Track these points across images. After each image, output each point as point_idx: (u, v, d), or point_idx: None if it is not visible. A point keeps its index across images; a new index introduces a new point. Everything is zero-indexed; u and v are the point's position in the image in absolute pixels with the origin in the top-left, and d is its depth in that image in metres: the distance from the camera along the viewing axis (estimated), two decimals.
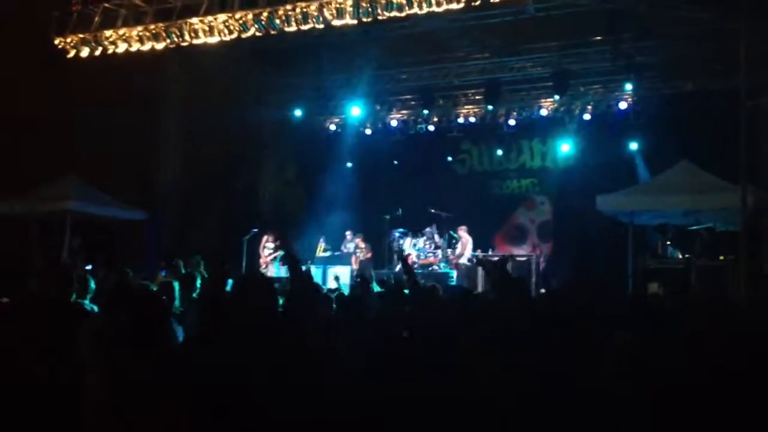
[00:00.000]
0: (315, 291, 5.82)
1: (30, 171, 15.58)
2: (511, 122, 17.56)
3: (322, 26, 12.34)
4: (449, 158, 18.95)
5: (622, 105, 16.16)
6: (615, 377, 4.21)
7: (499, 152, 18.56)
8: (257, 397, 3.41)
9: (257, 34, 12.77)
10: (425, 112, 17.64)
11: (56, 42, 13.80)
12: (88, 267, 13.78)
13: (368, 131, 18.87)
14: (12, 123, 14.81)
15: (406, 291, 5.90)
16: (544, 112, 17.14)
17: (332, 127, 19.20)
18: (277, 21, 12.47)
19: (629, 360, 4.62)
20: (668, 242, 13.50)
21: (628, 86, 15.71)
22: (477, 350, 4.00)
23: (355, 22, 12.15)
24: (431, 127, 18.34)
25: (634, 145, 16.09)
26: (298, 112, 18.56)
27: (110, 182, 16.20)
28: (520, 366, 3.82)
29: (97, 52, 13.73)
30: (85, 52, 13.75)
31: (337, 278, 13.72)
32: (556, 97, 16.40)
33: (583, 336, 4.78)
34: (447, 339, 4.15)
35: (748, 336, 4.46)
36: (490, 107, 17.13)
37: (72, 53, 13.79)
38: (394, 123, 18.55)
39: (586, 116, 16.78)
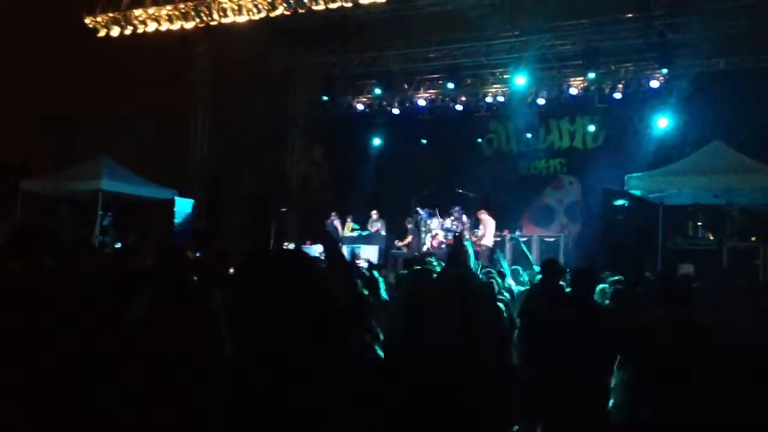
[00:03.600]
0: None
1: (62, 150, 15.78)
2: (540, 101, 17.39)
3: (350, 4, 12.32)
4: (479, 140, 18.83)
5: (654, 83, 15.93)
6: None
7: (528, 135, 18.39)
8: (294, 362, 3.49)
9: (285, 12, 12.79)
10: (449, 86, 17.44)
11: (86, 21, 13.91)
12: (117, 245, 13.96)
13: (396, 110, 18.80)
14: (43, 102, 14.98)
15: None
16: (573, 91, 16.92)
17: (360, 107, 19.15)
18: None
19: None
20: (699, 223, 13.36)
21: (664, 70, 15.40)
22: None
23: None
24: (459, 107, 18.25)
25: (664, 123, 15.90)
26: (325, 91, 18.50)
27: (141, 161, 16.35)
28: None
29: (127, 32, 13.83)
30: (115, 31, 13.88)
31: (368, 261, 13.72)
32: (590, 75, 16.09)
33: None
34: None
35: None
36: (518, 86, 16.94)
37: (102, 32, 13.92)
38: (421, 102, 18.45)
39: (617, 95, 16.56)
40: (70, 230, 16.37)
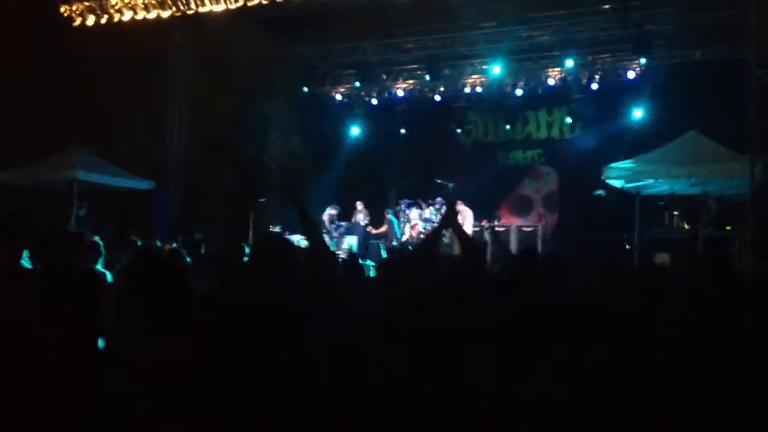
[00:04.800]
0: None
1: (37, 141, 15.60)
2: (518, 92, 17.43)
3: None
4: (458, 130, 18.83)
5: (631, 74, 16.03)
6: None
7: (507, 126, 18.42)
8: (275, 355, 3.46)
9: (263, 2, 12.72)
10: (427, 78, 17.48)
11: (62, 10, 13.75)
12: (96, 237, 13.81)
13: (374, 101, 18.78)
14: (18, 92, 14.80)
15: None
16: (551, 82, 16.99)
17: (338, 97, 19.10)
18: None
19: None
20: (675, 212, 13.47)
21: (642, 60, 15.50)
22: None
23: None
24: (437, 97, 18.25)
25: (641, 113, 16.00)
26: (304, 82, 18.44)
27: (117, 152, 16.21)
28: None
29: (103, 20, 13.69)
30: (90, 19, 13.74)
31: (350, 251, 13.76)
32: (568, 66, 16.17)
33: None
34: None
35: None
36: (496, 77, 16.98)
37: (78, 21, 13.76)
38: (400, 93, 18.45)
39: (594, 85, 16.65)
40: (45, 221, 16.21)
